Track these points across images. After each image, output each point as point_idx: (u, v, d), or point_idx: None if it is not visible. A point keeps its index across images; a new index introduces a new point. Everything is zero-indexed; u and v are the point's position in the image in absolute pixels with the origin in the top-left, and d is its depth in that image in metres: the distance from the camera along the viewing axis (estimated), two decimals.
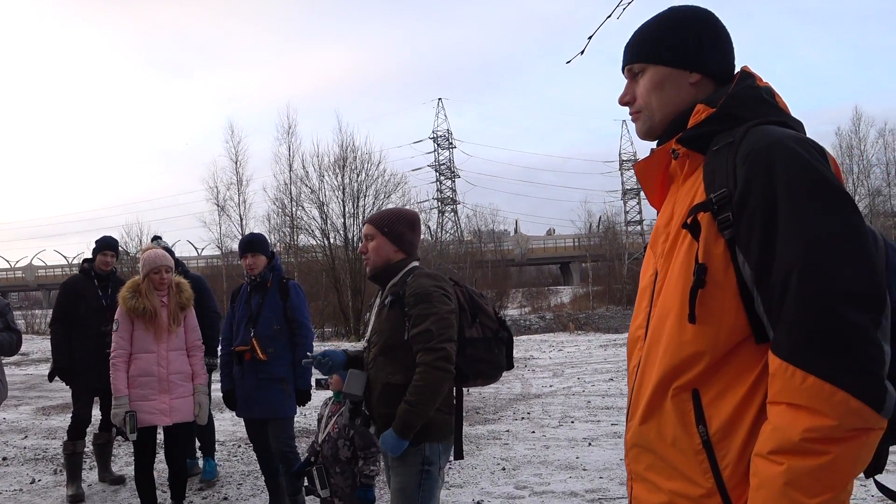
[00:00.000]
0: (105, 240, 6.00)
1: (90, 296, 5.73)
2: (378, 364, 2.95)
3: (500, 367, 3.08)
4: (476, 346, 2.97)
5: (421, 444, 2.83)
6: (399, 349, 2.87)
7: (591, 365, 12.87)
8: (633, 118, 1.65)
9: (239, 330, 4.83)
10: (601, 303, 40.99)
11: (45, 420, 9.01)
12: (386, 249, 3.03)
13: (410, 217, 3.17)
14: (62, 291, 5.92)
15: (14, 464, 6.73)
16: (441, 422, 2.89)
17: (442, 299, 2.86)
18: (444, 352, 2.77)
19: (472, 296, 3.09)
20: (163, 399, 4.63)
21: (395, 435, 2.77)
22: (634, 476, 1.55)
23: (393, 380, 2.86)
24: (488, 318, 3.05)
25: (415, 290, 2.87)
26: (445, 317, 2.83)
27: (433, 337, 2.78)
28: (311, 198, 29.12)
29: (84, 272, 5.89)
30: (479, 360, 2.98)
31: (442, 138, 61.17)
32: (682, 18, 1.59)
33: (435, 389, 2.76)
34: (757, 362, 1.33)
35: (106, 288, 5.82)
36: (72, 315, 5.69)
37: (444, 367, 2.76)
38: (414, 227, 3.12)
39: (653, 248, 1.59)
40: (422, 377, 2.76)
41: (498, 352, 3.05)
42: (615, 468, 5.70)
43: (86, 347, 5.59)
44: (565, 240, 59.62)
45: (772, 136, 1.35)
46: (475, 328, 2.99)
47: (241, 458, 6.65)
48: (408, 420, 2.75)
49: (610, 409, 8.46)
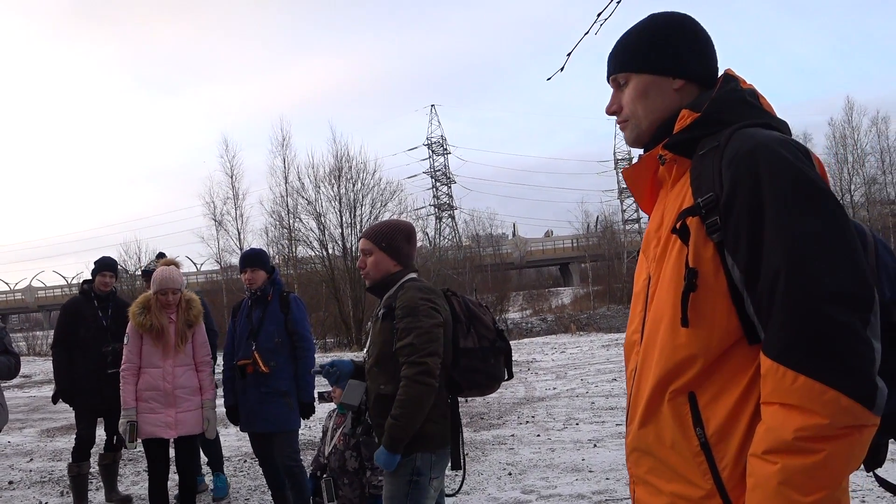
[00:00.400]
0: (103, 261, 6.02)
1: (90, 317, 5.75)
2: (372, 375, 3.00)
3: (496, 377, 3.09)
4: (470, 357, 2.98)
5: (412, 455, 2.85)
6: (390, 360, 2.91)
7: (594, 366, 12.88)
8: (621, 127, 1.67)
9: (240, 344, 4.86)
10: (602, 302, 40.96)
11: (50, 442, 9.00)
12: (385, 264, 3.07)
13: (406, 229, 3.20)
14: (62, 313, 5.95)
15: (20, 487, 6.73)
16: (433, 432, 2.90)
17: (428, 313, 2.88)
18: (424, 366, 2.80)
19: (469, 305, 3.11)
20: (168, 412, 4.70)
21: (385, 449, 2.81)
22: (636, 479, 1.56)
23: (384, 390, 2.91)
24: (485, 329, 3.06)
25: (403, 302, 2.91)
26: (429, 330, 2.85)
27: (415, 351, 2.81)
28: (308, 209, 29.20)
29: (84, 293, 5.91)
30: (473, 371, 2.99)
31: (436, 144, 61.31)
32: (661, 26, 1.61)
33: (417, 403, 2.79)
34: (751, 363, 1.34)
35: (106, 308, 5.84)
36: (72, 336, 5.70)
37: (424, 380, 2.79)
38: (410, 238, 3.16)
39: (645, 253, 1.60)
40: (403, 391, 2.80)
41: (495, 362, 3.06)
42: (621, 469, 5.71)
43: (87, 368, 5.60)
44: (563, 241, 59.61)
45: (756, 138, 1.37)
46: (470, 338, 3.00)
47: (248, 473, 6.65)
48: (393, 434, 2.79)
49: (614, 409, 8.47)
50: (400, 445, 2.79)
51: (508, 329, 27.37)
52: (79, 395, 5.64)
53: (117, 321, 5.75)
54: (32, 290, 60.24)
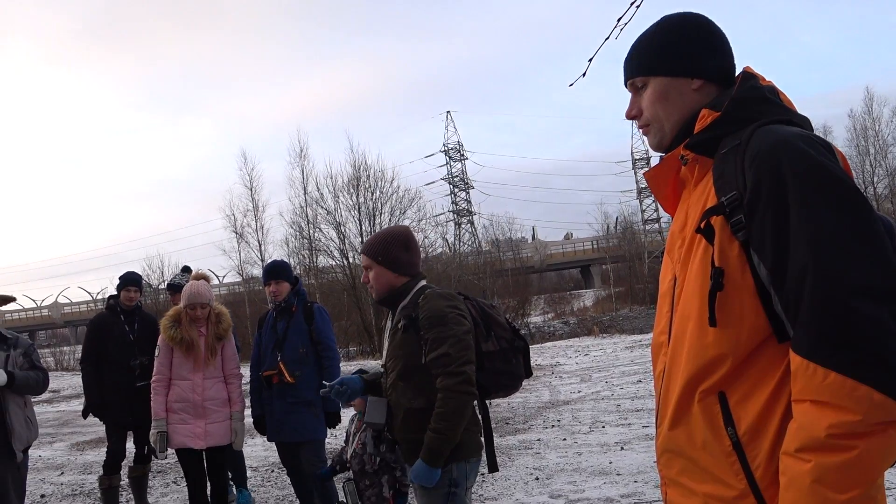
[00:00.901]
0: (128, 276, 6.09)
1: (117, 331, 5.82)
2: (398, 389, 2.88)
3: (518, 376, 3.06)
4: (494, 359, 2.93)
5: (448, 466, 2.76)
6: (418, 373, 2.80)
7: (619, 367, 12.80)
8: (643, 132, 1.67)
9: (266, 355, 4.90)
10: (624, 304, 40.78)
11: (80, 455, 9.11)
12: (386, 277, 2.97)
13: (402, 238, 3.06)
14: (89, 329, 6.06)
15: (52, 500, 6.82)
16: (467, 440, 2.83)
17: (457, 320, 2.81)
18: (465, 375, 2.72)
19: (484, 308, 3.04)
20: (198, 424, 4.78)
21: (425, 464, 2.70)
22: (668, 481, 1.56)
23: (414, 405, 2.81)
24: (502, 329, 3.01)
25: (429, 312, 2.81)
26: (462, 338, 2.77)
27: (452, 360, 2.72)
28: (328, 219, 29.41)
29: (110, 308, 5.99)
30: (498, 373, 2.95)
31: (453, 150, 61.47)
32: (676, 27, 1.61)
33: (459, 414, 2.71)
34: (780, 361, 1.33)
35: (132, 323, 5.90)
36: (100, 351, 5.78)
37: (466, 390, 2.71)
38: (408, 246, 3.03)
39: (669, 254, 1.60)
40: (445, 402, 2.70)
41: (516, 361, 3.02)
42: (650, 471, 5.67)
43: (115, 383, 5.68)
44: (583, 243, 59.47)
45: (778, 135, 1.37)
46: (491, 341, 2.95)
47: (275, 482, 6.69)
48: (436, 448, 2.69)
49: (640, 411, 8.41)
50: (441, 459, 2.70)
51: (531, 333, 27.30)
52: (108, 409, 5.72)
53: (144, 335, 5.82)
54: (58, 306, 61.09)
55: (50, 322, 61.83)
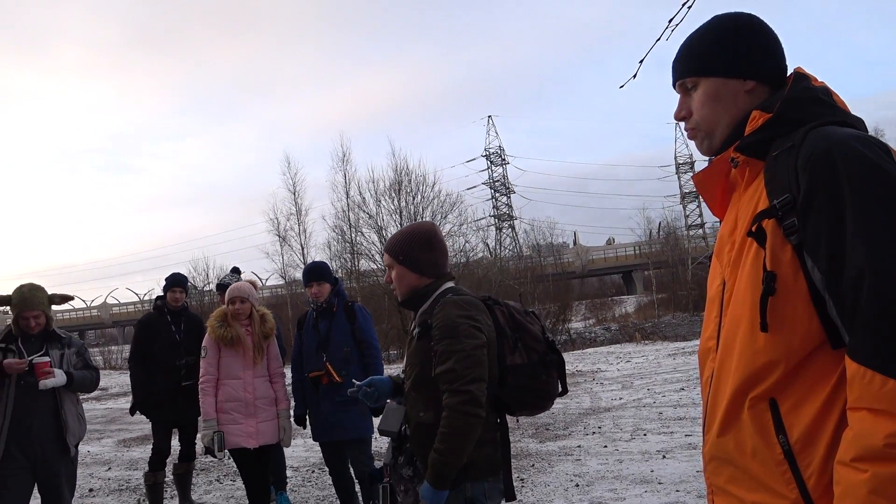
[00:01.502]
0: (174, 277, 6.22)
1: (164, 331, 5.95)
2: (410, 400, 2.71)
3: (548, 394, 2.79)
4: (518, 374, 2.67)
5: (462, 485, 2.55)
6: (429, 385, 2.60)
7: (661, 375, 12.62)
8: (691, 135, 1.64)
9: (310, 356, 4.95)
10: (667, 310, 40.21)
11: (127, 452, 9.31)
12: (407, 278, 2.79)
13: (425, 236, 2.83)
14: (137, 329, 6.20)
15: (100, 494, 6.98)
16: (485, 458, 2.60)
17: (469, 332, 2.55)
18: (469, 395, 2.48)
19: (515, 315, 2.78)
20: (249, 423, 4.84)
21: (430, 485, 2.51)
22: (715, 489, 1.53)
23: (424, 419, 2.61)
24: (534, 341, 2.75)
25: (440, 322, 2.59)
26: (472, 353, 2.52)
27: (458, 377, 2.49)
28: (370, 223, 29.62)
29: (157, 309, 6.13)
30: (522, 389, 2.69)
31: (494, 155, 61.43)
32: (728, 27, 1.58)
33: (462, 435, 2.48)
34: (835, 368, 1.30)
35: (179, 323, 6.03)
36: (147, 351, 5.92)
37: (469, 411, 2.47)
38: (432, 245, 2.80)
39: (718, 258, 1.57)
40: (447, 423, 2.49)
41: (546, 378, 2.74)
42: (692, 480, 5.58)
43: (162, 381, 5.81)
44: (626, 248, 58.84)
45: (833, 137, 1.34)
46: (518, 353, 2.69)
47: (316, 483, 6.75)
48: (438, 470, 2.49)
49: (683, 419, 8.28)
50: (445, 481, 2.49)
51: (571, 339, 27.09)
52: (155, 407, 5.84)
53: (190, 335, 5.95)
54: (107, 306, 62.61)
55: (99, 322, 63.38)
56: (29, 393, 4.17)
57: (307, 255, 32.52)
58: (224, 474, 7.35)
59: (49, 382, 4.13)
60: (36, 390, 4.15)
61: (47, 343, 4.36)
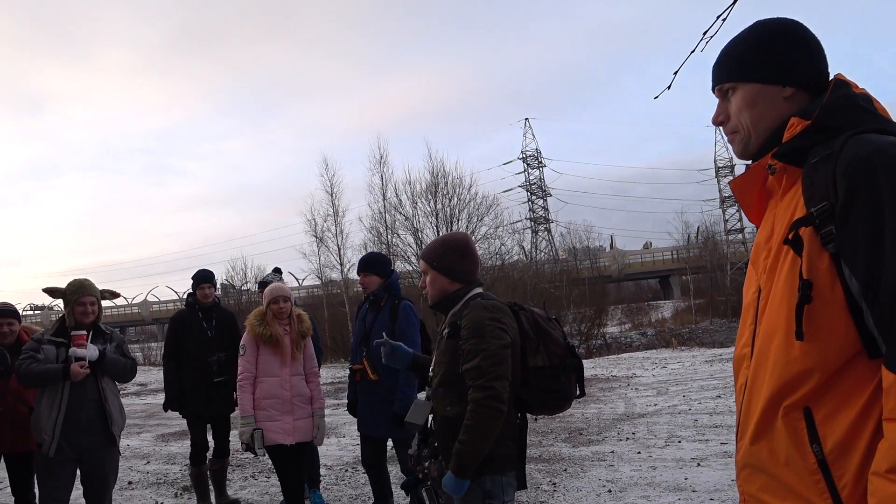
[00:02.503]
0: (201, 274, 6.25)
1: (196, 328, 6.03)
2: (438, 395, 2.91)
3: (567, 396, 2.97)
4: (540, 376, 2.87)
5: (481, 478, 2.75)
6: (456, 381, 2.79)
7: (697, 382, 12.46)
8: (730, 139, 1.64)
9: (354, 348, 5.01)
10: (704, 316, 39.68)
11: (165, 446, 9.49)
12: (440, 282, 3.01)
13: (459, 245, 3.07)
14: (170, 326, 6.26)
15: (139, 487, 7.13)
16: (504, 454, 2.80)
17: (496, 333, 2.75)
18: (493, 390, 2.67)
19: (538, 321, 2.97)
20: (286, 420, 4.91)
21: (453, 475, 2.70)
22: (747, 497, 1.52)
23: (450, 412, 2.81)
24: (555, 345, 2.93)
25: (469, 322, 2.80)
26: (497, 353, 2.72)
27: (483, 374, 2.69)
28: (406, 225, 29.77)
29: (189, 306, 6.20)
30: (543, 391, 2.89)
31: (531, 158, 61.26)
32: (769, 33, 1.58)
33: (485, 428, 2.67)
34: (871, 378, 1.29)
35: (210, 319, 6.10)
36: (180, 348, 6.00)
37: (493, 405, 2.66)
38: (465, 254, 3.03)
39: (754, 265, 1.56)
40: (471, 416, 2.68)
41: (566, 380, 2.93)
42: (727, 489, 5.51)
43: (194, 378, 5.89)
44: (663, 253, 58.24)
45: (872, 144, 1.32)
46: (540, 356, 2.88)
47: (349, 482, 6.80)
48: (461, 460, 2.68)
49: (719, 427, 8.17)
50: (468, 471, 2.69)
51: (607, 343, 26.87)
52: (187, 403, 5.93)
53: (221, 331, 6.04)
54: (147, 304, 63.84)
55: (139, 319, 64.67)
56: (78, 387, 4.33)
57: (344, 255, 32.76)
58: (259, 471, 7.45)
59: (79, 352, 4.28)
60: (82, 383, 4.32)
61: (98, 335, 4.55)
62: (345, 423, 9.75)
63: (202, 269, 6.35)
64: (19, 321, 5.09)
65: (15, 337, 4.94)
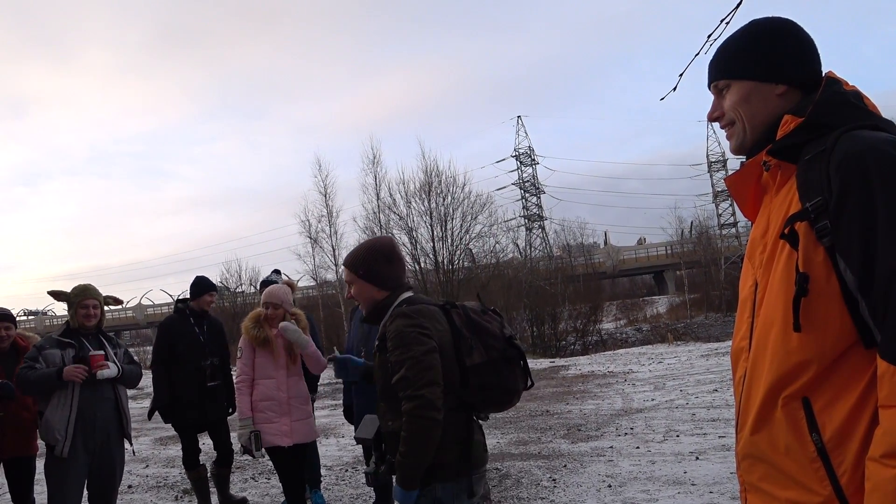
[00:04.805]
0: (206, 282, 6.24)
1: (188, 333, 5.98)
2: (380, 410, 2.82)
3: (511, 390, 2.81)
4: (479, 374, 2.72)
5: (431, 486, 2.64)
6: (393, 395, 2.67)
7: (694, 376, 12.52)
8: (727, 135, 1.67)
9: (350, 351, 4.99)
10: (699, 311, 39.85)
11: (164, 450, 9.50)
12: (368, 292, 2.87)
13: (384, 249, 2.92)
14: (161, 331, 6.14)
15: (139, 491, 7.14)
16: (450, 460, 2.66)
17: (417, 339, 2.62)
18: (422, 399, 2.54)
19: (471, 316, 2.82)
20: (283, 421, 4.93)
21: (399, 487, 2.61)
22: (748, 487, 1.55)
23: (392, 427, 2.70)
24: (492, 338, 2.79)
25: (391, 334, 2.68)
26: (421, 359, 2.59)
27: (410, 384, 2.57)
28: (400, 224, 29.71)
29: (179, 312, 6.14)
30: (485, 388, 2.74)
31: (524, 155, 61.28)
32: (763, 31, 1.61)
33: (421, 438, 2.55)
34: (867, 367, 1.32)
35: (202, 325, 6.07)
36: (171, 353, 5.91)
37: (424, 414, 2.54)
38: (391, 259, 2.90)
39: (750, 260, 1.60)
40: (406, 427, 2.57)
41: (508, 373, 2.79)
42: (725, 482, 5.55)
43: (187, 383, 5.83)
44: (657, 248, 58.36)
45: (865, 141, 1.36)
46: (476, 352, 2.73)
47: (349, 482, 6.82)
48: (403, 472, 2.58)
49: (716, 420, 8.22)
50: (413, 482, 2.59)
51: (602, 339, 26.94)
52: (180, 410, 5.84)
53: (212, 337, 6.03)
54: (142, 307, 63.70)
55: (134, 323, 64.46)
56: (91, 386, 4.42)
57: (338, 256, 32.71)
58: (259, 472, 7.47)
59: (105, 373, 4.42)
60: (97, 383, 4.43)
61: (105, 341, 4.67)
62: (343, 424, 9.76)
63: (205, 278, 6.33)
64: (15, 325, 5.11)
65: (10, 342, 4.96)
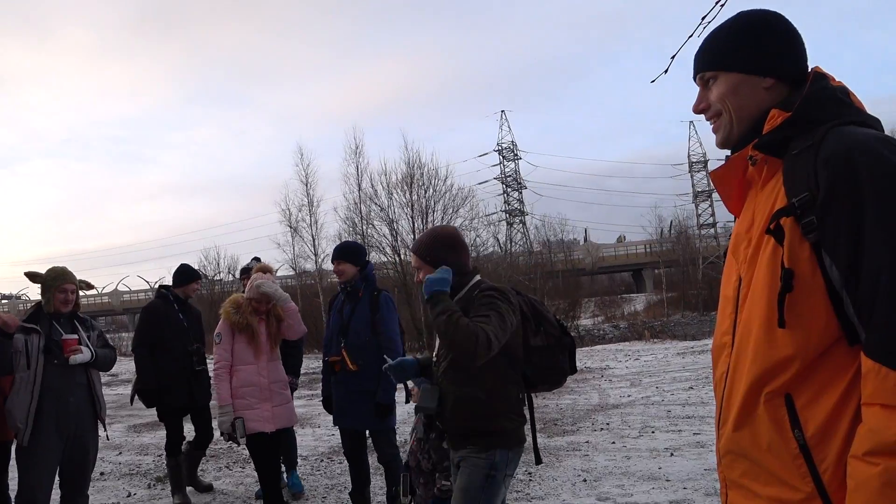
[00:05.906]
0: (191, 271, 6.35)
1: (173, 319, 6.01)
2: (448, 377, 2.99)
3: (564, 372, 3.18)
4: (542, 355, 3.08)
5: (492, 451, 2.88)
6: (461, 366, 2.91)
7: (670, 373, 12.60)
8: (713, 128, 1.66)
9: (332, 339, 4.96)
10: (676, 309, 40.16)
11: (137, 437, 9.40)
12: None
13: (448, 239, 3.16)
14: (145, 316, 6.13)
15: (111, 478, 7.05)
16: (512, 429, 2.95)
17: (509, 301, 2.90)
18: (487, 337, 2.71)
19: (534, 304, 3.17)
20: (265, 407, 4.89)
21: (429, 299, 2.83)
22: (729, 483, 1.54)
23: (465, 391, 2.91)
24: (551, 326, 3.14)
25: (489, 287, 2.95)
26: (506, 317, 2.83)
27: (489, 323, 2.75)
28: (381, 216, 29.67)
29: (163, 297, 6.15)
30: (545, 368, 3.10)
31: (507, 150, 61.24)
32: (751, 24, 1.59)
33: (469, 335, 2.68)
34: (850, 364, 1.32)
35: (185, 311, 6.15)
36: (156, 337, 5.92)
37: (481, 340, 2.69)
38: (455, 246, 3.12)
39: (734, 255, 1.58)
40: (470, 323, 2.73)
41: (562, 358, 3.16)
42: (699, 478, 5.59)
43: (175, 367, 5.84)
44: (636, 246, 58.68)
45: (852, 137, 1.35)
46: (539, 336, 3.09)
47: (325, 472, 6.79)
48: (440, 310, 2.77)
49: (691, 418, 8.28)
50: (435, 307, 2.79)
51: (580, 335, 27.08)
52: (167, 394, 5.85)
53: (192, 324, 6.11)
54: (118, 293, 63.04)
55: (110, 309, 63.79)
56: (65, 371, 4.37)
57: (318, 246, 32.58)
58: (234, 461, 7.41)
59: (78, 358, 4.37)
60: (70, 368, 4.37)
61: (79, 324, 4.60)
62: (319, 414, 9.72)
63: (190, 266, 6.40)
64: None
65: None
